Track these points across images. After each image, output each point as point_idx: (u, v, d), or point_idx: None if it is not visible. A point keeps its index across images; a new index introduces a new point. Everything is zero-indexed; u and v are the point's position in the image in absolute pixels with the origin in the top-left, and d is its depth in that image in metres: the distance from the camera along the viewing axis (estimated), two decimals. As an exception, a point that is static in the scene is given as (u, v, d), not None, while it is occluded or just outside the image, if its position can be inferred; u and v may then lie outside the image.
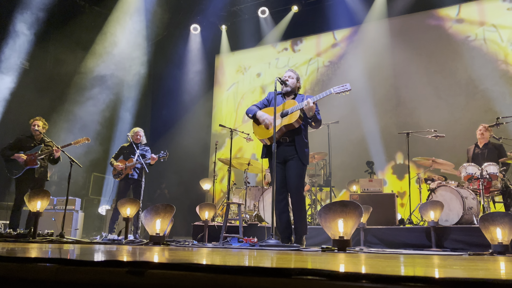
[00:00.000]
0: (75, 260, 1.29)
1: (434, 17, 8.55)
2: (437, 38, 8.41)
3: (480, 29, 8.07)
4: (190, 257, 2.03)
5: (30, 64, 8.48)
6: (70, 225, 7.11)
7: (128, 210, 4.75)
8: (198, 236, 5.60)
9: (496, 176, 5.12)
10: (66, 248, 2.99)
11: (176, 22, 10.54)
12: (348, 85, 3.85)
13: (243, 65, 10.71)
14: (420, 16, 8.67)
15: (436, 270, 1.52)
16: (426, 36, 8.52)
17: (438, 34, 8.40)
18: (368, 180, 6.05)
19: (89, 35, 9.26)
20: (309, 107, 3.86)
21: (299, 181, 4.03)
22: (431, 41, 8.45)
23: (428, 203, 4.81)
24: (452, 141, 7.81)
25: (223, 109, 10.75)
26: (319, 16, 9.50)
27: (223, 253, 2.66)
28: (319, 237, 5.15)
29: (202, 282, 1.01)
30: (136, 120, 9.81)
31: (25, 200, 4.70)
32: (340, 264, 1.78)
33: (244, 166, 6.64)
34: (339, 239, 3.17)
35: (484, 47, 7.96)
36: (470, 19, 8.23)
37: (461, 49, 8.08)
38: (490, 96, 7.63)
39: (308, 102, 3.86)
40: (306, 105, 3.86)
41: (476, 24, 8.15)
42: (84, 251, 2.46)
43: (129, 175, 6.15)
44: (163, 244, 3.90)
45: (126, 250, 2.78)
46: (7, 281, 1.20)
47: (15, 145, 5.65)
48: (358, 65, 9.02)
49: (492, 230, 3.34)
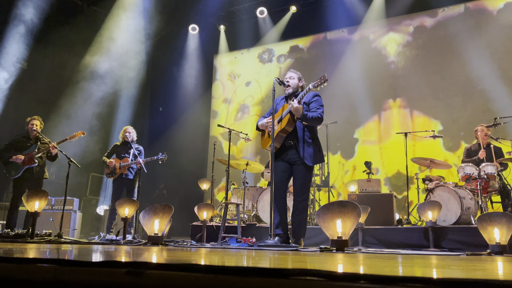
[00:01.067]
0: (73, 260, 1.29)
1: (432, 17, 8.56)
2: (436, 38, 8.42)
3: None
4: (189, 258, 2.03)
5: (28, 64, 8.46)
6: (68, 225, 7.10)
7: (126, 210, 4.74)
8: (196, 236, 5.60)
9: (494, 176, 5.14)
10: (65, 248, 2.99)
11: (174, 22, 10.54)
12: (324, 76, 3.75)
13: (241, 65, 10.70)
14: (418, 16, 8.68)
15: (434, 271, 1.52)
16: (424, 36, 8.54)
17: (436, 34, 8.41)
18: (366, 180, 6.06)
19: (87, 35, 9.24)
20: (294, 108, 3.79)
21: (302, 185, 4.00)
22: (430, 41, 8.46)
23: (426, 203, 4.82)
24: (450, 142, 7.84)
25: (222, 109, 10.75)
26: (318, 16, 9.51)
27: (222, 253, 2.66)
28: (317, 238, 5.15)
29: (201, 282, 1.01)
30: (134, 120, 9.80)
31: (23, 200, 4.68)
32: (338, 265, 1.78)
33: (242, 166, 6.64)
34: (337, 239, 3.18)
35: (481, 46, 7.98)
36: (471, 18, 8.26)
37: (459, 49, 8.10)
38: (488, 96, 7.65)
39: (291, 105, 3.81)
40: (291, 108, 3.82)
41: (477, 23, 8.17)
42: (82, 251, 2.45)
43: (123, 175, 6.13)
44: (161, 244, 3.90)
45: (124, 250, 2.78)
46: (6, 281, 1.20)
47: (11, 146, 5.63)
48: (356, 65, 9.03)
49: (490, 230, 3.35)
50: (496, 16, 7.95)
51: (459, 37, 8.10)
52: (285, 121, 3.95)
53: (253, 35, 10.32)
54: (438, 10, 8.50)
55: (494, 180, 5.18)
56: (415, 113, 8.28)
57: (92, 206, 9.03)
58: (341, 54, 9.33)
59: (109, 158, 6.22)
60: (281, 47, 10.19)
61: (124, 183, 6.15)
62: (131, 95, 10.04)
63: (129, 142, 6.21)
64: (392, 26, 8.89)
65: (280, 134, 3.99)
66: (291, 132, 3.99)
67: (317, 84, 3.78)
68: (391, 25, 8.90)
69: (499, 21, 7.87)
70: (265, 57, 10.35)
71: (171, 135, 10.40)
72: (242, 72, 10.65)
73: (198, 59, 10.98)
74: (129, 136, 6.22)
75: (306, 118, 3.89)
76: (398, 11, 8.78)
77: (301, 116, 3.84)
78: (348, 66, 9.14)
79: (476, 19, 8.12)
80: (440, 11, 8.48)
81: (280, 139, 4.02)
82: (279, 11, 10.01)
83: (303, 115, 3.84)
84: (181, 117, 10.65)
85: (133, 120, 9.78)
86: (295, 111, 3.81)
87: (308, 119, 3.91)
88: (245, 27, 10.37)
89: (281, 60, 10.15)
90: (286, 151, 4.04)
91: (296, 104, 3.79)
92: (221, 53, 10.94)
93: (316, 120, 3.95)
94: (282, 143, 4.04)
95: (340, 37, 9.48)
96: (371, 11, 9.04)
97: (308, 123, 3.98)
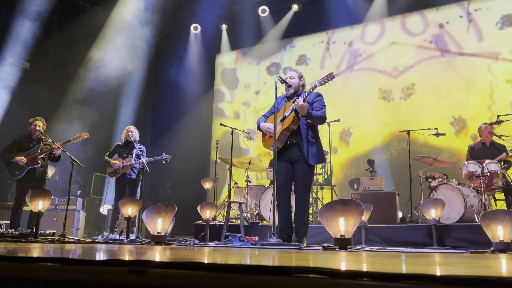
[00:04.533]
0: (77, 259, 1.30)
1: (435, 14, 8.53)
2: (439, 35, 8.39)
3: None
4: (192, 256, 2.04)
5: (30, 64, 8.48)
6: (72, 225, 7.13)
7: (129, 210, 4.75)
8: (199, 235, 5.61)
9: (497, 173, 5.13)
10: (68, 247, 3.00)
11: (176, 22, 10.54)
12: (332, 74, 3.76)
13: (243, 64, 10.70)
14: (421, 14, 8.65)
15: (437, 268, 1.52)
16: (427, 33, 8.51)
17: (439, 32, 8.38)
18: (369, 179, 6.06)
19: (89, 35, 9.26)
20: (299, 106, 3.78)
21: (304, 183, 4.00)
22: (432, 39, 8.43)
23: (429, 201, 4.81)
24: (453, 139, 7.81)
25: (224, 108, 10.75)
26: (319, 14, 9.49)
27: (225, 252, 2.67)
28: (320, 236, 5.15)
29: (204, 280, 1.01)
30: (137, 120, 9.82)
31: (27, 200, 4.71)
32: (341, 262, 1.78)
33: (245, 165, 6.64)
34: (340, 238, 3.17)
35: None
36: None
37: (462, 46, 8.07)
38: (490, 93, 7.63)
39: (297, 102, 3.80)
40: (296, 105, 3.81)
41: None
42: (86, 250, 2.46)
43: (127, 174, 6.13)
44: (164, 243, 3.91)
45: (127, 249, 2.79)
46: (10, 280, 1.21)
47: (13, 146, 5.65)
48: (358, 63, 9.01)
49: (493, 228, 3.34)
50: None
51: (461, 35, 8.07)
52: (289, 119, 3.94)
53: (255, 34, 10.32)
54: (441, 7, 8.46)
55: (497, 178, 5.16)
56: (418, 111, 8.26)
57: (95, 205, 9.05)
58: (343, 51, 9.31)
59: (110, 157, 6.23)
60: (282, 45, 10.16)
61: (127, 182, 6.16)
62: (134, 94, 10.05)
63: (131, 142, 6.21)
64: (394, 23, 8.86)
65: (284, 133, 3.99)
66: (294, 130, 4.00)
67: (324, 81, 3.79)
68: (393, 23, 8.87)
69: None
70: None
71: (174, 134, 10.41)
72: (243, 71, 10.64)
73: (200, 58, 10.98)
74: (131, 136, 6.23)
75: (311, 116, 3.88)
76: (400, 9, 8.74)
77: (306, 114, 3.84)
78: (350, 63, 9.12)
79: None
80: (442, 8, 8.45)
81: (284, 138, 4.01)
82: (281, 10, 10.00)
83: (308, 113, 3.84)
84: (183, 116, 10.66)
85: (136, 119, 9.80)
86: (300, 109, 3.80)
87: (313, 118, 3.90)
88: (247, 26, 10.37)
89: (284, 58, 10.13)
90: (288, 149, 4.05)
91: (301, 101, 3.79)
92: (223, 52, 10.94)
93: (320, 119, 3.95)
94: (285, 142, 4.04)
95: (341, 35, 9.45)
96: (372, 9, 9.00)
97: (312, 121, 3.97)
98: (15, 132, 6.81)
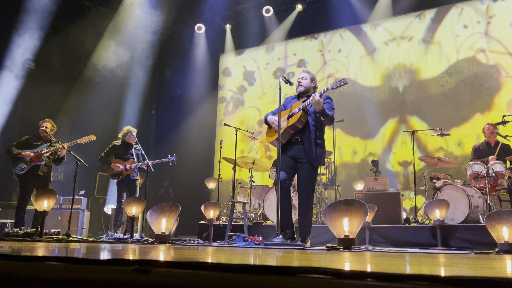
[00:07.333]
0: (81, 258, 1.30)
1: (437, 15, 8.49)
2: (443, 36, 8.36)
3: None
4: (196, 256, 2.04)
5: (36, 64, 8.53)
6: (76, 224, 7.16)
7: (133, 209, 4.77)
8: (203, 235, 5.61)
9: (502, 174, 5.09)
10: (73, 247, 3.01)
11: (180, 22, 10.56)
12: (345, 79, 3.82)
13: (247, 64, 10.70)
14: (423, 14, 8.62)
15: (441, 269, 1.51)
16: (431, 34, 8.47)
17: (444, 32, 8.35)
18: (373, 179, 6.04)
19: (94, 36, 9.29)
20: (315, 101, 3.81)
21: (307, 183, 4.02)
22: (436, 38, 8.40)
23: (434, 201, 4.79)
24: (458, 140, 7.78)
25: (228, 107, 10.75)
26: (324, 14, 9.48)
27: (228, 251, 2.67)
28: (324, 236, 5.14)
29: (208, 280, 1.02)
30: (141, 120, 9.85)
31: (32, 199, 4.74)
32: (345, 263, 1.78)
33: (249, 165, 6.64)
34: (344, 238, 3.17)
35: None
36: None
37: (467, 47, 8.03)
38: (496, 94, 7.59)
39: (313, 97, 3.84)
40: (312, 100, 3.85)
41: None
42: (90, 249, 2.47)
43: (130, 176, 6.12)
44: (168, 243, 3.92)
45: (132, 248, 2.80)
46: (15, 279, 1.21)
47: (22, 143, 5.71)
48: (363, 63, 8.99)
49: (498, 228, 3.32)
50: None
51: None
52: (295, 117, 3.98)
53: (259, 34, 10.32)
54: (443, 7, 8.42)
55: (502, 179, 5.13)
56: (422, 111, 8.23)
57: (99, 205, 9.08)
58: (348, 51, 9.29)
59: (106, 158, 6.18)
60: (285, 45, 10.15)
61: (126, 182, 6.14)
62: (138, 94, 10.08)
63: (130, 144, 6.20)
64: (398, 23, 8.83)
65: (288, 130, 4.02)
66: (299, 129, 4.01)
67: (336, 86, 3.84)
68: (397, 23, 8.84)
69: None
70: (272, 55, 10.32)
71: (178, 134, 10.43)
72: (247, 70, 10.64)
73: (204, 58, 10.99)
74: (130, 137, 6.19)
75: (324, 114, 3.93)
76: (404, 9, 8.71)
77: (321, 110, 3.87)
78: (354, 63, 9.11)
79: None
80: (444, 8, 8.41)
81: (287, 135, 4.05)
82: (285, 10, 9.99)
83: (322, 109, 3.88)
84: (188, 115, 10.68)
85: (140, 120, 9.82)
86: (316, 104, 3.82)
87: (326, 115, 3.95)
88: (251, 26, 10.38)
89: (287, 58, 10.12)
90: (291, 146, 4.07)
91: (317, 97, 3.82)
92: (227, 52, 10.95)
93: (331, 119, 4.03)
94: (289, 139, 4.06)
95: (345, 35, 9.43)
96: (377, 9, 8.98)
97: (324, 119, 4.00)
98: (20, 132, 6.86)
